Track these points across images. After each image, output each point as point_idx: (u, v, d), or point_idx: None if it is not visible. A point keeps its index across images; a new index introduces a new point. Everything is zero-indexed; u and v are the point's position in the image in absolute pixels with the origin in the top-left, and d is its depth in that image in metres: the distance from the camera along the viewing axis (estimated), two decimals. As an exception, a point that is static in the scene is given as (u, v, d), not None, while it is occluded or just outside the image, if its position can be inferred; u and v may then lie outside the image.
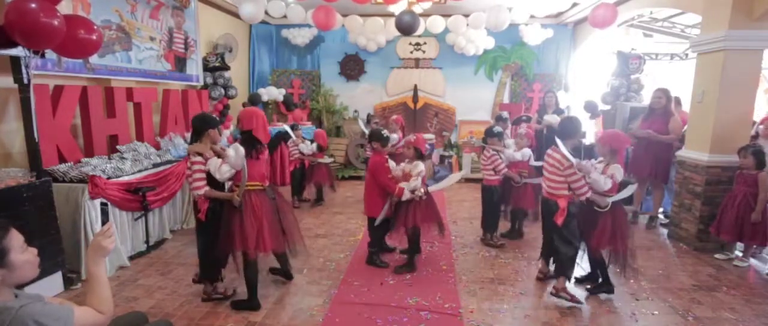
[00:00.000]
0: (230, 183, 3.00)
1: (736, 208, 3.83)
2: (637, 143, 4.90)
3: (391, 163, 3.69)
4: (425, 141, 3.76)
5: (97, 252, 1.56)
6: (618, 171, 3.03)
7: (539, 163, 3.76)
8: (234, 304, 3.08)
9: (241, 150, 2.78)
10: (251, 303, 3.04)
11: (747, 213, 3.78)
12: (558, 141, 3.05)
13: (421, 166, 3.55)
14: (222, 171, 2.79)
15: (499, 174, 4.11)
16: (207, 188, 2.88)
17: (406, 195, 3.51)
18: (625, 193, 3.09)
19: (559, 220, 3.06)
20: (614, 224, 3.04)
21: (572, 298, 3.07)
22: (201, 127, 2.97)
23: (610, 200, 3.04)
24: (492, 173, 4.12)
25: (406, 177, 3.59)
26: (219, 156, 2.89)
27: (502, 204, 4.34)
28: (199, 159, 2.87)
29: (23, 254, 1.44)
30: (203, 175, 2.86)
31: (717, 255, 4.05)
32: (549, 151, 3.16)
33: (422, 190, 3.54)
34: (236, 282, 3.40)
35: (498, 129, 4.24)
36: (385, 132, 3.80)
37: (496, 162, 4.08)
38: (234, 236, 2.85)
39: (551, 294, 3.16)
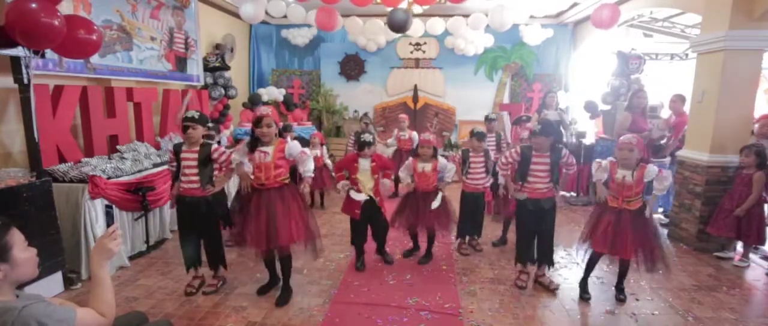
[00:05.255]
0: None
1: (732, 208, 3.84)
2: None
3: (409, 161, 3.78)
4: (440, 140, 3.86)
5: (101, 254, 1.55)
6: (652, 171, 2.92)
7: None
8: (260, 291, 3.28)
9: (298, 144, 3.17)
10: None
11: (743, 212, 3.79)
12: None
13: (452, 169, 3.71)
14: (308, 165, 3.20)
15: (487, 183, 3.94)
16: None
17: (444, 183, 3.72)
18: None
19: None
20: (634, 226, 2.95)
21: (550, 284, 3.34)
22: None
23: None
24: (476, 179, 3.90)
25: (422, 177, 3.66)
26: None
27: (495, 211, 4.02)
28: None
29: (24, 252, 1.44)
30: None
31: (717, 253, 4.06)
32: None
33: (436, 204, 3.62)
34: (237, 281, 3.42)
35: (479, 129, 3.98)
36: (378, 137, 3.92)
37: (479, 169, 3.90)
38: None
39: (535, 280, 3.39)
